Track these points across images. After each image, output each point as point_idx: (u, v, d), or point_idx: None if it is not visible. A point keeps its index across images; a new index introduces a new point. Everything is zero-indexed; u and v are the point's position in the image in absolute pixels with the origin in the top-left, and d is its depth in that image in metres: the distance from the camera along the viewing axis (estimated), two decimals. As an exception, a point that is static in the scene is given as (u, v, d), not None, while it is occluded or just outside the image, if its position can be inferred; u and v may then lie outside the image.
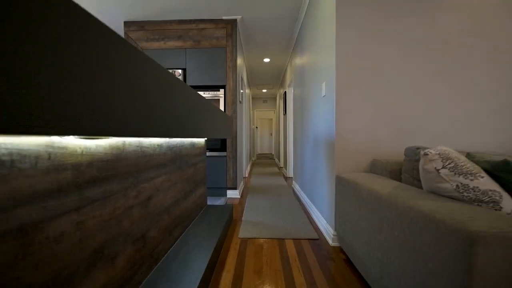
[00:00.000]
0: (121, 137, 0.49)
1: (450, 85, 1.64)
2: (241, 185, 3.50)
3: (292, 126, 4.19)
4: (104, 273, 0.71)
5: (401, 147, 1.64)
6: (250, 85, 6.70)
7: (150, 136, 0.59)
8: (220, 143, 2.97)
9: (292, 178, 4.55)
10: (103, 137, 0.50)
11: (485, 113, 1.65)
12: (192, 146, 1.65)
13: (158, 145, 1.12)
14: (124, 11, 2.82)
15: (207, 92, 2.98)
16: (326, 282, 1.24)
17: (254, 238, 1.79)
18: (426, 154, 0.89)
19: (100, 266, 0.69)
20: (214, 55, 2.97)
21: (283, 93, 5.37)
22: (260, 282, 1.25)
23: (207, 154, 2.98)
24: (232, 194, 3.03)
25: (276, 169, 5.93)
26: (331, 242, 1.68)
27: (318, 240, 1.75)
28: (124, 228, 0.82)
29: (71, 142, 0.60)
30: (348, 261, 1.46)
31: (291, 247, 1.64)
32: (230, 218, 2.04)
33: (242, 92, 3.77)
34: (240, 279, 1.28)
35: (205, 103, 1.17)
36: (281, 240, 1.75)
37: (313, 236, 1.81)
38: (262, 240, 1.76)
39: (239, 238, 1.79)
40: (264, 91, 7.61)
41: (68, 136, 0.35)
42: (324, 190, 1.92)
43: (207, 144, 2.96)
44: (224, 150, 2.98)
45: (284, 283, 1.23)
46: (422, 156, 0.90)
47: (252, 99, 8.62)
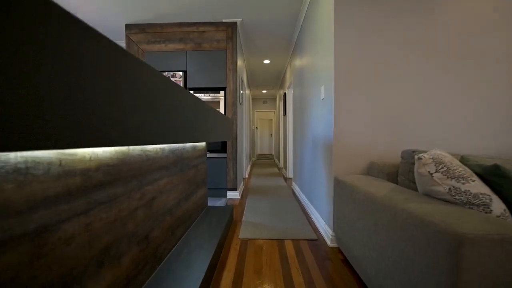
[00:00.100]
0: (125, 146, 0.53)
1: (448, 87, 1.66)
2: (241, 186, 3.53)
3: (292, 127, 4.22)
4: (110, 272, 0.74)
5: (398, 150, 1.67)
6: (250, 86, 6.73)
7: (153, 144, 0.62)
8: (220, 144, 3.01)
9: (291, 178, 4.58)
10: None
11: (483, 116, 1.67)
12: (193, 148, 1.68)
13: (161, 148, 1.15)
14: (126, 14, 2.85)
15: (208, 94, 3.01)
16: (324, 282, 1.28)
17: (254, 239, 1.82)
18: (420, 159, 0.92)
19: (107, 266, 0.73)
20: (214, 58, 3.00)
21: (283, 94, 5.40)
22: (260, 282, 1.28)
23: (208, 156, 3.01)
24: (232, 195, 3.07)
25: (276, 169, 5.96)
26: (329, 242, 1.71)
27: (316, 241, 1.79)
28: (129, 229, 0.86)
29: (80, 149, 0.64)
30: (346, 261, 1.49)
31: (290, 248, 1.67)
32: (231, 219, 2.07)
33: (242, 93, 3.80)
34: (241, 279, 1.31)
35: (205, 108, 1.20)
36: (280, 241, 1.79)
37: (312, 236, 1.84)
38: (262, 240, 1.80)
39: (239, 239, 1.83)
40: (264, 92, 7.65)
41: (78, 148, 0.39)
42: (323, 192, 1.95)
43: (208, 145, 3.00)
44: (225, 152, 3.01)
45: (283, 283, 1.27)
46: (417, 160, 0.94)
47: (252, 99, 8.65)
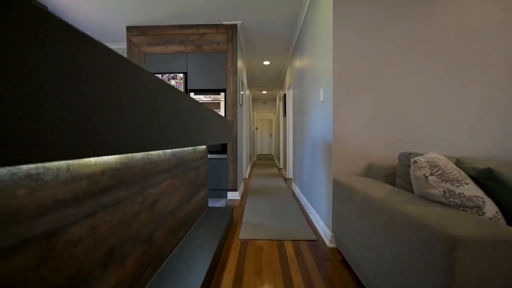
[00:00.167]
0: (128, 153, 0.55)
1: (448, 88, 1.67)
2: (241, 186, 3.55)
3: (292, 128, 4.25)
4: (115, 274, 0.76)
5: (398, 151, 1.69)
6: (250, 86, 6.76)
7: (155, 150, 0.64)
8: (220, 145, 3.03)
9: (291, 179, 4.60)
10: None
11: (483, 116, 1.68)
12: (194, 150, 1.70)
13: (162, 151, 1.18)
14: (127, 17, 2.87)
15: (208, 96, 3.03)
16: (323, 282, 1.30)
17: (254, 240, 1.85)
18: (415, 162, 0.95)
19: (112, 267, 0.75)
20: (215, 60, 3.02)
21: (282, 95, 5.43)
22: (259, 282, 1.30)
23: (208, 157, 3.03)
24: (233, 195, 3.09)
25: (275, 170, 5.98)
26: (328, 243, 1.74)
27: (316, 241, 1.81)
28: (133, 231, 0.88)
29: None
30: (345, 262, 1.51)
31: (289, 248, 1.70)
32: (231, 219, 2.09)
33: (242, 93, 3.82)
34: (241, 279, 1.33)
35: (204, 111, 1.22)
36: (280, 241, 1.81)
37: (311, 237, 1.86)
38: (262, 241, 1.82)
39: (240, 239, 1.85)
40: (264, 92, 7.67)
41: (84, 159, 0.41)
42: (322, 193, 1.98)
43: (208, 147, 3.02)
44: (225, 153, 3.03)
45: (282, 284, 1.29)
46: (412, 163, 0.96)
47: (252, 100, 8.67)
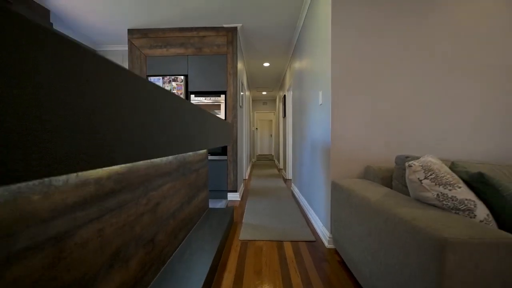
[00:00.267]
0: (131, 162, 0.58)
1: (447, 90, 1.70)
2: (241, 187, 3.58)
3: (291, 130, 4.28)
4: (119, 274, 0.79)
5: (396, 153, 1.72)
6: (250, 87, 6.79)
7: (159, 157, 0.67)
8: (221, 147, 3.06)
9: (291, 180, 4.63)
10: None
11: (482, 119, 1.71)
12: (195, 153, 1.73)
13: (165, 155, 1.21)
14: (128, 19, 2.90)
15: (208, 98, 3.06)
16: (321, 282, 1.33)
17: (254, 240, 1.88)
18: (410, 166, 0.98)
19: (117, 268, 0.78)
20: (215, 62, 3.05)
21: (282, 96, 5.46)
22: (259, 283, 1.33)
23: (209, 158, 3.06)
24: (233, 196, 3.12)
25: (275, 171, 6.01)
26: (327, 244, 1.77)
27: (314, 242, 1.84)
28: (136, 233, 0.91)
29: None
30: (343, 263, 1.54)
31: (289, 249, 1.73)
32: (231, 220, 2.12)
33: (242, 94, 3.86)
34: (241, 279, 1.36)
35: (205, 116, 1.25)
36: (279, 242, 1.84)
37: (310, 238, 1.89)
38: (261, 242, 1.85)
39: (240, 240, 1.88)
40: (264, 93, 7.70)
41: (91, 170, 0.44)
42: (321, 195, 2.01)
43: (209, 149, 3.04)
44: (225, 154, 3.06)
45: (282, 284, 1.32)
46: (407, 167, 0.99)
47: (252, 101, 8.71)
